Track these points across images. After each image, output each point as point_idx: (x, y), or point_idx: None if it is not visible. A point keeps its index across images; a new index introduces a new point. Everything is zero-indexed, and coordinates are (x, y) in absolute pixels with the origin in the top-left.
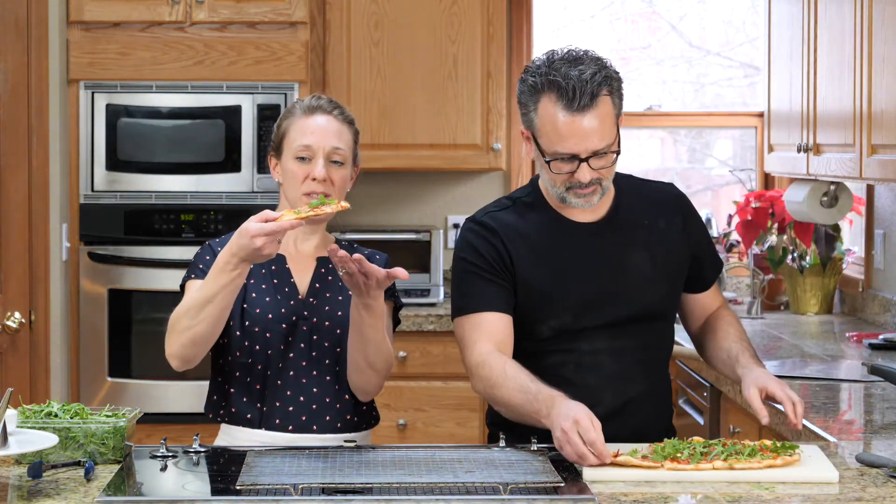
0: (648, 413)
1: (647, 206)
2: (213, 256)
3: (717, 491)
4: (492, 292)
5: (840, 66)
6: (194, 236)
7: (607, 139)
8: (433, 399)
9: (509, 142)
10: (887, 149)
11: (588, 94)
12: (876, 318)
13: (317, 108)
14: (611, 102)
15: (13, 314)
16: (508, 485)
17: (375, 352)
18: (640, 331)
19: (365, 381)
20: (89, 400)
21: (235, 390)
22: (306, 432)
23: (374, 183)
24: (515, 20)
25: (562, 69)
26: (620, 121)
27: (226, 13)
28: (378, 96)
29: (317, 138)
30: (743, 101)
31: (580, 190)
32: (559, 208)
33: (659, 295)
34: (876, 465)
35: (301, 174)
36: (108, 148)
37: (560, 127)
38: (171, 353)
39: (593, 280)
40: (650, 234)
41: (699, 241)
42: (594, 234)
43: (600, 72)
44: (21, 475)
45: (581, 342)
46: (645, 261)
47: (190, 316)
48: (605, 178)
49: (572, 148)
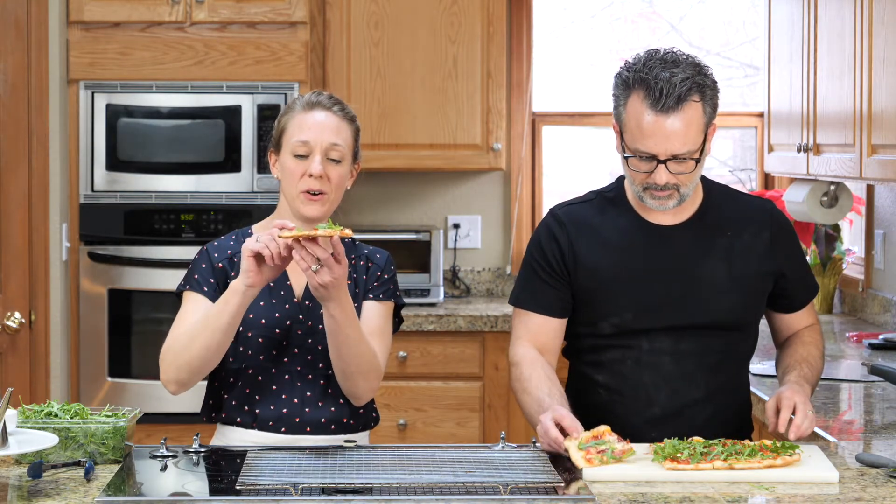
0: (707, 421)
1: (735, 218)
2: (210, 264)
3: (717, 491)
4: (546, 294)
5: (840, 66)
6: (194, 236)
7: (689, 145)
8: (433, 399)
9: (509, 142)
10: (887, 149)
11: (675, 97)
12: (876, 318)
13: (316, 104)
14: (701, 110)
15: (13, 314)
16: (508, 485)
17: (355, 355)
18: (706, 338)
19: (352, 387)
20: (89, 400)
21: (229, 395)
22: (300, 434)
23: (374, 183)
24: (515, 20)
25: (655, 69)
26: (712, 131)
27: (226, 13)
28: (378, 96)
29: (314, 134)
30: (743, 101)
31: (656, 192)
32: (639, 208)
33: (728, 305)
34: (876, 465)
35: (298, 171)
36: (108, 148)
37: (643, 125)
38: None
39: (659, 282)
40: (731, 245)
41: (789, 261)
42: (670, 237)
43: (693, 77)
44: (21, 475)
45: (642, 341)
46: (720, 270)
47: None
48: (684, 184)
49: (652, 148)
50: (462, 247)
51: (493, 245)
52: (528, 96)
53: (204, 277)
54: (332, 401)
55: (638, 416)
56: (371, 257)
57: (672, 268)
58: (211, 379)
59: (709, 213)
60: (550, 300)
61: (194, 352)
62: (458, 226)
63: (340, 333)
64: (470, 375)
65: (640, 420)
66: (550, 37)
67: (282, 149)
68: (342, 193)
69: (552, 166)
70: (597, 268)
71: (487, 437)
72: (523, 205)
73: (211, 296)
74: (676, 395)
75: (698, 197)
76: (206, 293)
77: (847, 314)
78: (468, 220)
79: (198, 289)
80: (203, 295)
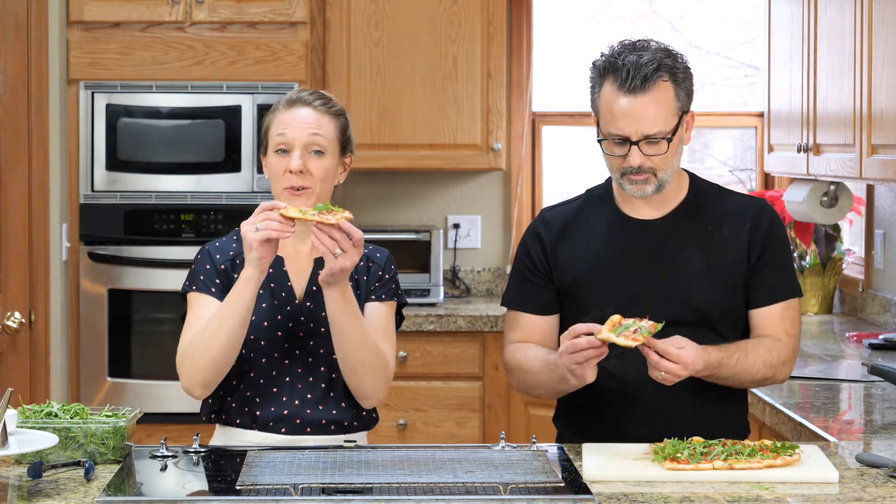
0: (695, 418)
1: (719, 214)
2: (213, 266)
3: (717, 491)
4: (532, 293)
5: (840, 66)
6: (194, 236)
7: (661, 125)
8: (433, 399)
9: (509, 142)
10: (887, 149)
11: (641, 77)
12: (876, 318)
13: (297, 101)
14: (672, 92)
15: (13, 314)
16: (508, 485)
17: (360, 345)
18: (688, 332)
19: (360, 383)
20: (89, 400)
21: (231, 397)
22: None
23: (374, 183)
24: (515, 20)
25: (623, 54)
26: (690, 119)
27: (226, 13)
28: (378, 96)
29: (292, 129)
30: (743, 101)
31: (633, 176)
32: (622, 203)
33: (707, 298)
34: (876, 465)
35: (281, 168)
36: (108, 148)
37: (614, 108)
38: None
39: (639, 276)
40: (710, 238)
41: (766, 255)
42: (650, 230)
43: (661, 59)
44: (21, 475)
45: None
46: (698, 263)
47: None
48: (660, 168)
49: (623, 129)
50: (462, 247)
51: (493, 245)
52: (528, 96)
53: (209, 278)
54: (334, 403)
55: (624, 413)
56: (371, 257)
57: (651, 261)
58: None
59: (692, 207)
60: (537, 298)
61: (216, 349)
62: (458, 226)
63: (344, 321)
64: (470, 375)
65: (627, 417)
66: (550, 37)
67: (267, 148)
68: (330, 187)
69: (552, 166)
70: (577, 263)
71: (487, 437)
72: (523, 205)
73: (218, 296)
74: (660, 391)
75: (682, 191)
76: (213, 294)
77: (847, 314)
78: (468, 220)
79: (205, 290)
80: (210, 295)
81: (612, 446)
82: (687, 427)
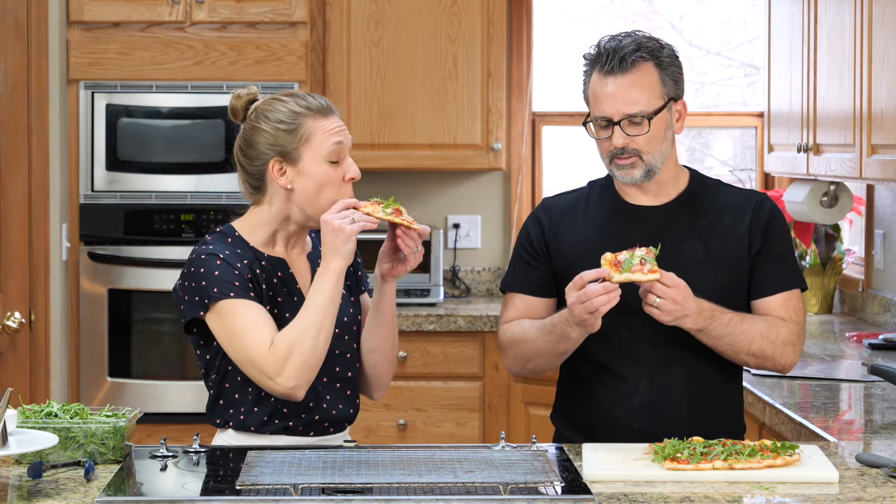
0: (686, 413)
1: (719, 205)
2: (240, 272)
3: (717, 491)
4: (529, 274)
5: (840, 66)
6: (194, 236)
7: (641, 105)
8: (433, 399)
9: (509, 142)
10: (887, 149)
11: (619, 57)
12: (876, 318)
13: (328, 109)
14: (654, 74)
15: (13, 314)
16: (508, 485)
17: (395, 335)
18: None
19: (385, 372)
20: (89, 400)
21: (236, 399)
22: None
23: (375, 183)
24: (515, 20)
25: (607, 41)
26: (683, 109)
27: (226, 13)
28: (378, 96)
29: (343, 138)
30: (743, 101)
31: (619, 160)
32: (622, 191)
33: (707, 286)
34: (876, 465)
35: (337, 177)
36: (108, 148)
37: (597, 90)
38: (297, 383)
39: None
40: (710, 227)
41: (767, 246)
42: (648, 217)
43: (643, 43)
44: (21, 475)
45: (621, 329)
46: (698, 250)
47: (312, 334)
48: (645, 150)
49: (604, 110)
50: (462, 247)
51: (493, 245)
52: (528, 96)
53: (243, 283)
54: (350, 401)
55: (620, 408)
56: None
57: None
58: (220, 381)
59: (693, 197)
60: (533, 280)
61: (322, 346)
62: (458, 226)
63: (392, 312)
64: (470, 375)
65: (622, 411)
66: (550, 37)
67: (302, 158)
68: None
69: (552, 166)
70: (573, 246)
71: (487, 437)
72: (523, 205)
73: (257, 300)
74: (656, 384)
75: (682, 183)
76: (253, 298)
77: (847, 314)
78: (468, 220)
79: (245, 294)
80: (252, 300)
81: (611, 446)
82: (681, 421)
